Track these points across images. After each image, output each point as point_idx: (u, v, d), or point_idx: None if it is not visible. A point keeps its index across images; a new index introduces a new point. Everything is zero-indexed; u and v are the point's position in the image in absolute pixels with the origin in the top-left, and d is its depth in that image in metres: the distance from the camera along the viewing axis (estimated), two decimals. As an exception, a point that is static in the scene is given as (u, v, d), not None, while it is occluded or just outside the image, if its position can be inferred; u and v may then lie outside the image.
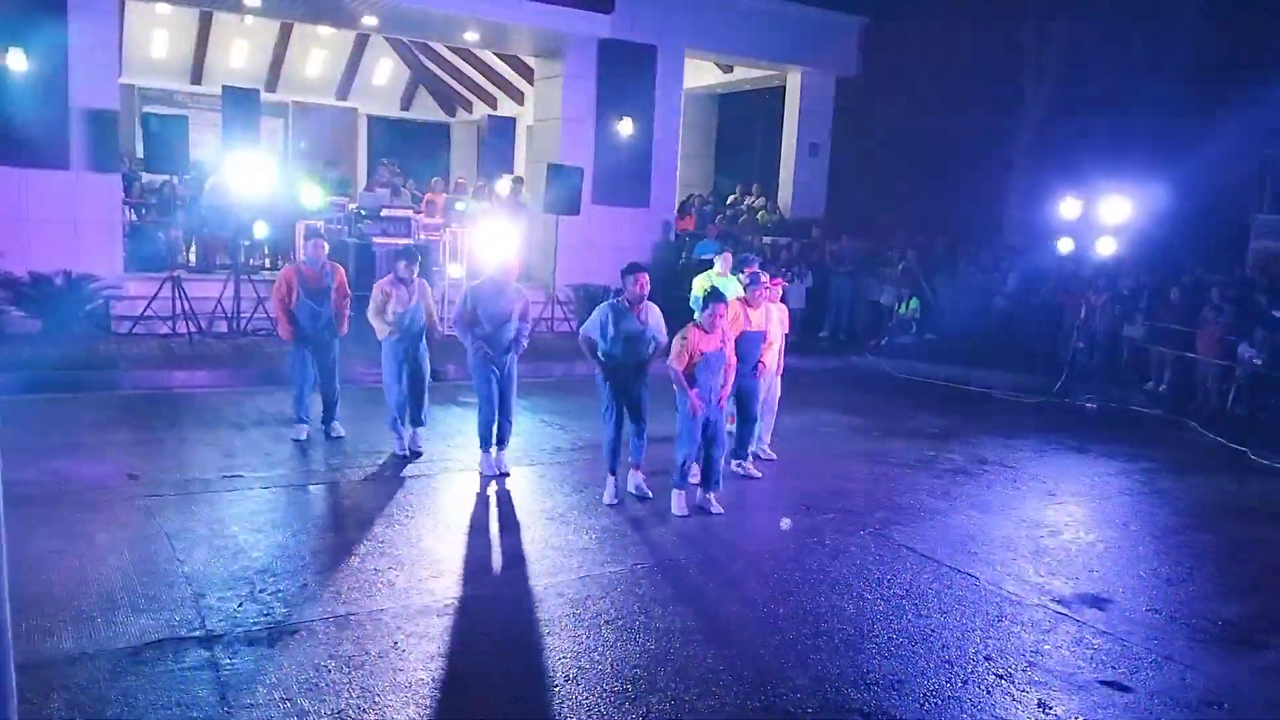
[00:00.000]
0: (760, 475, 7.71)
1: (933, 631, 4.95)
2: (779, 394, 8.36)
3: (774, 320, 7.64)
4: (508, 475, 7.34)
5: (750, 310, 7.40)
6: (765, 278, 7.61)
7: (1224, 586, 5.89)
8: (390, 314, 7.47)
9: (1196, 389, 11.66)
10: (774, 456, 8.32)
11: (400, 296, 7.52)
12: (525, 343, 7.21)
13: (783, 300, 7.98)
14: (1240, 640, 5.08)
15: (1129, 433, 10.22)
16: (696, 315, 6.61)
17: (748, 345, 7.29)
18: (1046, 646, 4.85)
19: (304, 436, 7.97)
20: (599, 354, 6.66)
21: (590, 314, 6.82)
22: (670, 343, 6.62)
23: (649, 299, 6.70)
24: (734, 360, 6.76)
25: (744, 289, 7.56)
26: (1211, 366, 11.39)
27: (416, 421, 7.81)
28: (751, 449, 7.88)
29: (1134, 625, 5.18)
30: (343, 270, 8.18)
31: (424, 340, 7.77)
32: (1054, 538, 6.62)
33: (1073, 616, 5.26)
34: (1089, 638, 5.00)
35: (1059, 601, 5.46)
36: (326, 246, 8.14)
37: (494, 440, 7.30)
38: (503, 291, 7.08)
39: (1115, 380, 12.33)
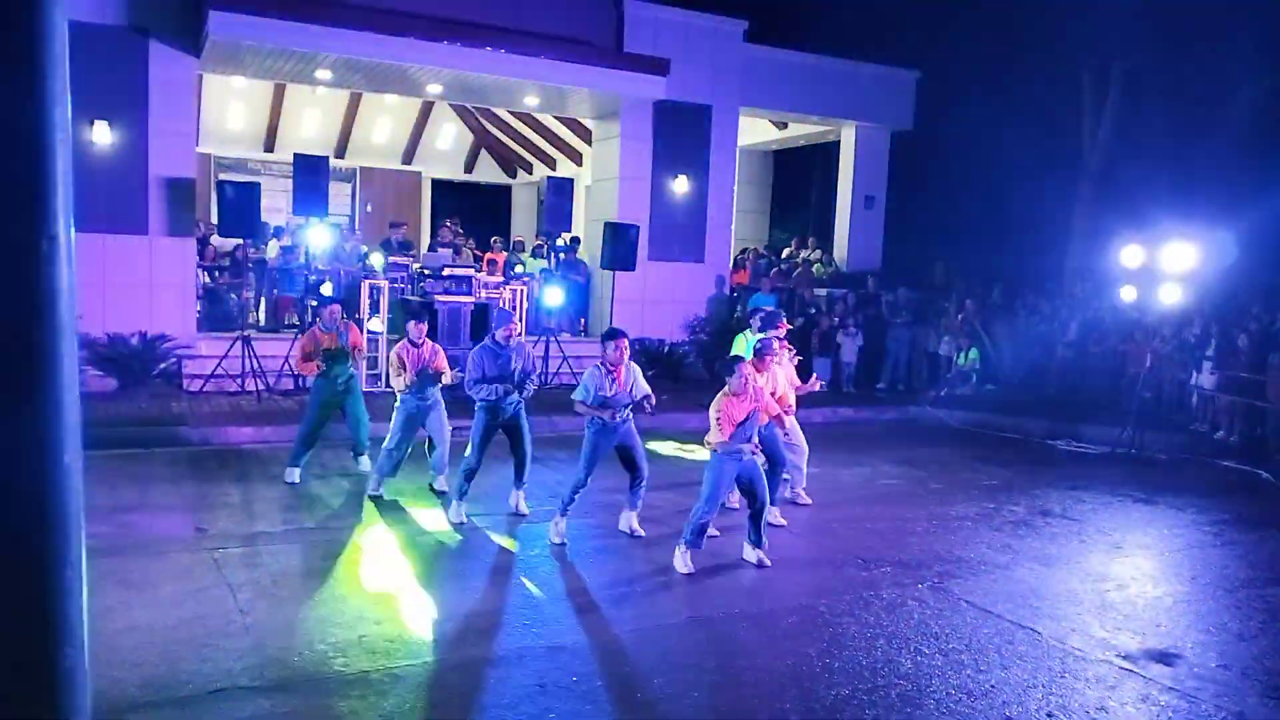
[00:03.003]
0: (785, 523, 7.66)
1: (993, 688, 4.85)
2: (803, 439, 8.33)
3: (780, 379, 7.69)
4: (525, 516, 7.58)
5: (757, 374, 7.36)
6: (778, 345, 7.63)
7: (1300, 642, 5.68)
8: (408, 377, 7.85)
9: (1268, 439, 11.30)
10: (809, 501, 8.36)
11: (413, 359, 7.86)
12: (533, 386, 7.46)
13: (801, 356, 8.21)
14: (1317, 698, 4.88)
15: (1198, 484, 9.92)
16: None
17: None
18: (1111, 703, 4.72)
19: (295, 480, 8.37)
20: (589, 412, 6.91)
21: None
22: (648, 390, 6.90)
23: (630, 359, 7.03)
24: (774, 408, 6.91)
25: (754, 354, 7.46)
26: (1284, 416, 11.06)
27: (439, 469, 8.27)
28: (783, 495, 7.95)
29: (1203, 682, 5.02)
30: (356, 328, 8.81)
31: (440, 399, 8.17)
32: (1120, 591, 6.45)
33: (1139, 673, 5.11)
34: (1156, 694, 4.85)
35: (1125, 657, 5.32)
36: (341, 310, 8.73)
37: (469, 490, 7.42)
38: (502, 352, 7.31)
39: (1183, 430, 12.02)
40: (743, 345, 8.52)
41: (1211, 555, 7.45)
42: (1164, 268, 11.20)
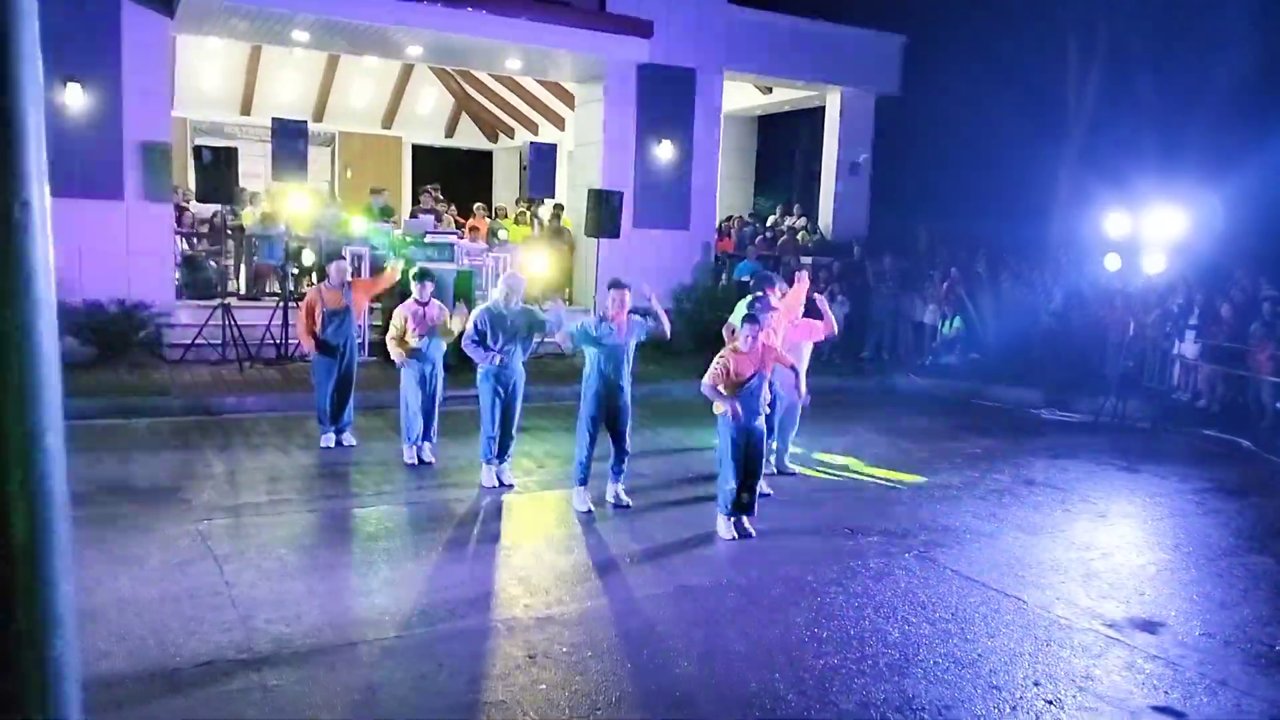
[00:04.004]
0: (772, 492, 7.64)
1: (980, 656, 4.88)
2: (799, 412, 8.30)
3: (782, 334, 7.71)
4: (511, 487, 7.54)
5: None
6: (779, 295, 7.62)
7: (1281, 610, 5.74)
8: (412, 338, 7.87)
9: (1250, 407, 11.39)
10: (795, 471, 8.39)
11: (418, 318, 7.86)
12: (561, 326, 7.34)
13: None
14: (1299, 665, 4.94)
15: (1181, 452, 10.01)
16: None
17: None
18: (1097, 671, 4.76)
19: (332, 444, 8.49)
20: (588, 370, 6.98)
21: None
22: (665, 328, 7.19)
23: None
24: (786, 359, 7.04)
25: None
26: (1265, 384, 11.13)
27: (427, 438, 8.19)
28: (770, 467, 7.96)
29: (1187, 649, 5.07)
30: (363, 292, 8.92)
31: (441, 363, 8.19)
32: (1105, 560, 6.50)
33: (1124, 640, 5.16)
34: (1140, 662, 4.89)
35: (1110, 625, 5.36)
36: (348, 268, 8.53)
37: (495, 454, 7.55)
38: (509, 313, 7.36)
39: (1166, 399, 12.09)
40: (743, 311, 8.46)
41: (1194, 523, 7.51)
42: (1148, 236, 11.20)
